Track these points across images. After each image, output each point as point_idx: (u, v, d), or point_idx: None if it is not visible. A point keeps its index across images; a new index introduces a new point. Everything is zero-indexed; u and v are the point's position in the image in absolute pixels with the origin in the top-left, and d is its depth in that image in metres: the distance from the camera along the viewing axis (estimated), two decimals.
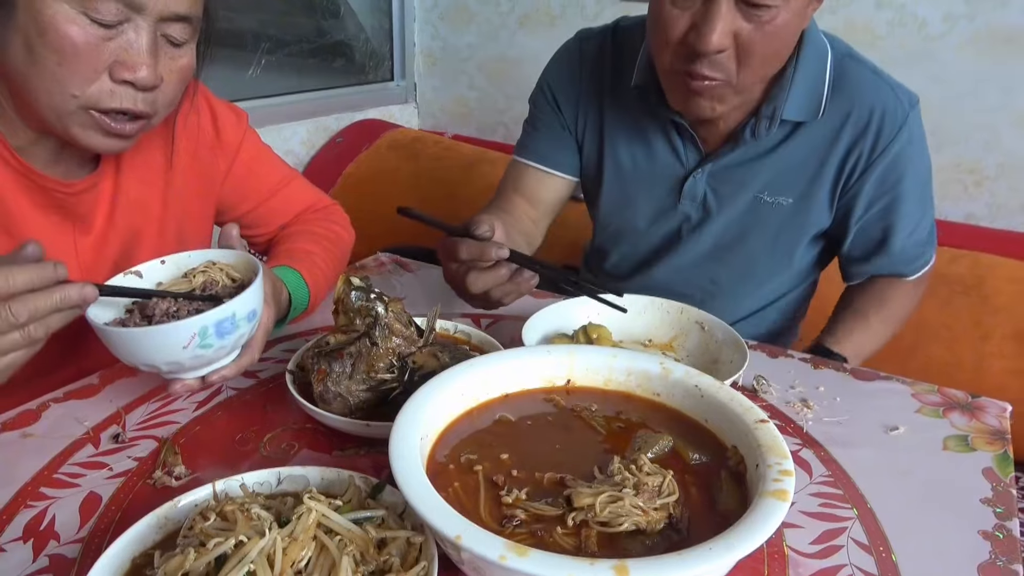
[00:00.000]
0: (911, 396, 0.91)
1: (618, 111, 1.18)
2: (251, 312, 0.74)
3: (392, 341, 0.75)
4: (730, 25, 0.92)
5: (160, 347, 0.70)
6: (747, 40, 0.93)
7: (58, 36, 0.72)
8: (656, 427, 0.66)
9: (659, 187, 1.18)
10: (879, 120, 1.06)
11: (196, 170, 1.02)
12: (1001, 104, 1.85)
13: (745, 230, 1.17)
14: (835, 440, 0.81)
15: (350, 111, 2.58)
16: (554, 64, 1.24)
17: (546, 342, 0.92)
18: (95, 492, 0.69)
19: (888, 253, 1.15)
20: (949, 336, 1.60)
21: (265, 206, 1.11)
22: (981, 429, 0.84)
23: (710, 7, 0.91)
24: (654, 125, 1.15)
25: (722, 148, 1.12)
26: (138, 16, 0.74)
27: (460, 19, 2.61)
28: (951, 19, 1.84)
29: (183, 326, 0.69)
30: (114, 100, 0.76)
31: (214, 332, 0.71)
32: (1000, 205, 1.92)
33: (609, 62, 1.18)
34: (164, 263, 0.82)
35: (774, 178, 1.12)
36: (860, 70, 1.08)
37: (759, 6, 0.90)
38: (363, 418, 0.74)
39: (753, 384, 0.91)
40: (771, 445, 0.58)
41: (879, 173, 1.09)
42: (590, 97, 1.20)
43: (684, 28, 0.94)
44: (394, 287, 1.17)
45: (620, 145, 1.19)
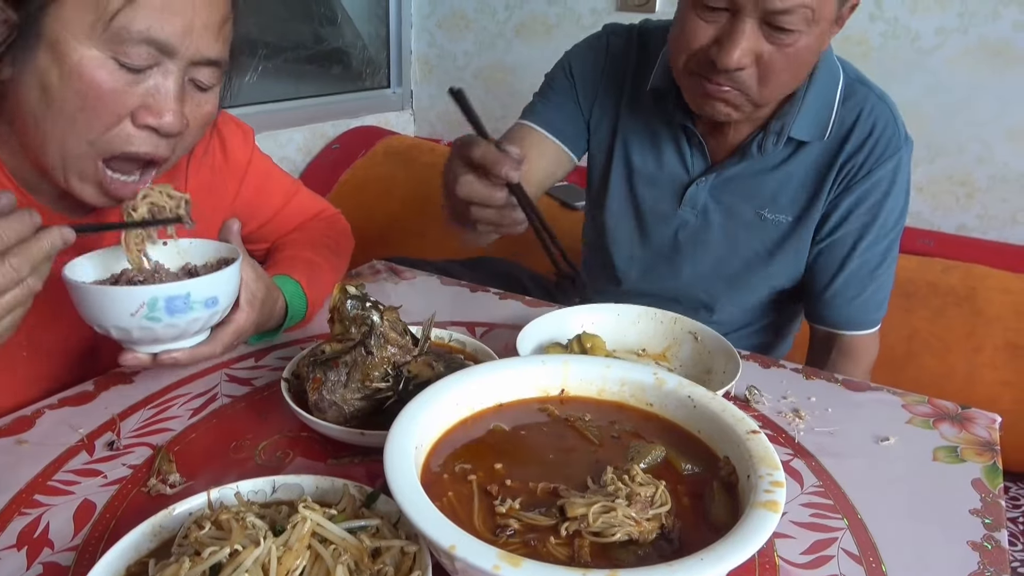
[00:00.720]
0: (902, 407, 0.91)
1: (633, 111, 1.19)
2: (210, 298, 0.75)
3: (387, 350, 0.76)
4: (752, 45, 0.94)
5: (109, 309, 0.71)
6: (768, 61, 0.95)
7: (83, 82, 0.70)
8: (649, 437, 0.67)
9: (663, 190, 1.20)
10: (875, 140, 1.08)
11: (205, 195, 1.01)
12: (993, 117, 1.86)
13: (743, 244, 1.18)
14: (826, 450, 0.82)
15: (346, 118, 2.58)
16: (581, 48, 1.24)
17: (540, 351, 0.92)
18: (89, 500, 0.69)
19: (839, 288, 1.15)
20: (941, 347, 1.61)
21: (271, 223, 1.12)
22: (971, 440, 0.85)
23: (735, 25, 0.93)
24: (665, 129, 1.17)
25: (728, 159, 1.13)
26: (169, 61, 0.73)
27: (457, 27, 2.62)
28: (944, 32, 1.86)
29: (134, 292, 0.71)
30: (131, 144, 0.75)
31: (164, 307, 0.71)
32: (992, 217, 1.94)
33: (632, 62, 1.19)
34: (166, 244, 0.83)
35: (775, 195, 1.14)
36: (868, 94, 1.10)
37: (783, 30, 0.92)
38: (358, 427, 0.74)
39: (745, 394, 0.92)
40: (763, 456, 0.59)
41: (860, 192, 1.10)
42: (609, 92, 1.21)
43: (707, 40, 0.96)
44: (389, 295, 1.17)
45: (631, 144, 1.20)
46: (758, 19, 0.92)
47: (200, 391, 0.87)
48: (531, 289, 1.42)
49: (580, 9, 2.36)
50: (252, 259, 0.87)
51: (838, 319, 1.18)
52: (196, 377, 0.90)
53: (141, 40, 0.70)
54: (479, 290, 1.20)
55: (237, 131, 1.06)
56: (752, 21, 0.92)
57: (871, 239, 1.13)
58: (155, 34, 0.70)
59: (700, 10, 0.95)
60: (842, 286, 1.15)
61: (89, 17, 0.68)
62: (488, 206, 0.79)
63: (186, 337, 0.77)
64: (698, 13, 0.96)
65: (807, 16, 0.92)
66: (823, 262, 1.16)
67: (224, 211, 1.06)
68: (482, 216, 0.81)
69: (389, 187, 2.34)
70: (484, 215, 0.80)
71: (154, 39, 0.70)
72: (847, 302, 1.16)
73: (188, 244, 0.85)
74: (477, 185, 0.78)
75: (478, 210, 0.80)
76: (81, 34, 0.68)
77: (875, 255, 1.14)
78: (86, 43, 0.69)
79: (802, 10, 0.91)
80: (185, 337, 0.77)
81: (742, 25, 0.92)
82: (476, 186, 0.78)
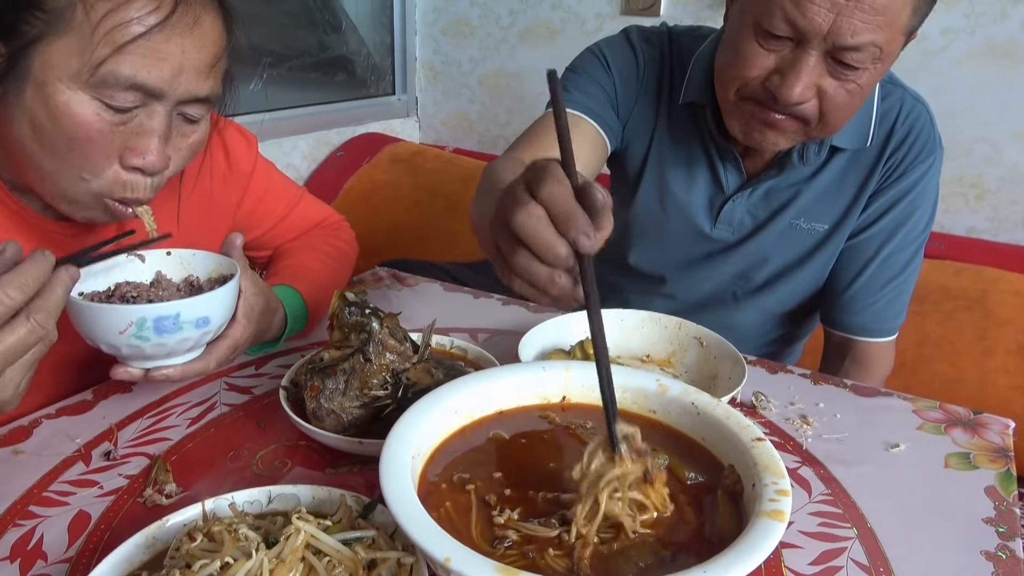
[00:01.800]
0: (912, 412, 0.90)
1: (667, 127, 1.14)
2: (201, 319, 0.74)
3: (386, 357, 0.75)
4: (816, 79, 0.89)
5: (98, 325, 0.71)
6: (831, 96, 0.91)
7: (72, 123, 0.69)
8: (652, 445, 0.65)
9: (697, 210, 1.15)
10: (912, 141, 1.06)
11: (208, 203, 1.01)
12: (1001, 118, 1.84)
13: (774, 253, 1.15)
14: (835, 458, 0.80)
15: (351, 125, 2.58)
16: (616, 47, 1.14)
17: (543, 357, 0.91)
18: (85, 510, 0.68)
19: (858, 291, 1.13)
20: (952, 351, 1.59)
21: (274, 231, 1.11)
22: (983, 446, 0.83)
23: (799, 57, 0.88)
24: (698, 146, 1.12)
25: (766, 172, 1.09)
26: (155, 102, 0.72)
27: (461, 33, 2.62)
28: (951, 33, 1.84)
29: (121, 311, 0.70)
30: (126, 191, 0.75)
31: (152, 327, 0.71)
32: (1002, 219, 1.91)
33: (667, 73, 1.13)
34: (169, 255, 0.83)
35: (812, 204, 1.11)
36: (904, 95, 1.08)
37: (849, 67, 0.88)
38: (356, 435, 0.73)
39: (752, 400, 0.90)
40: (768, 464, 0.57)
41: (893, 193, 1.08)
42: (647, 103, 1.14)
43: (767, 70, 0.91)
44: (391, 302, 1.16)
45: (665, 162, 1.15)
46: (824, 52, 0.88)
47: (199, 400, 0.87)
48: None
49: (584, 13, 2.35)
50: (252, 272, 0.86)
51: (854, 324, 1.15)
52: (195, 386, 0.89)
53: (128, 86, 0.69)
54: (482, 296, 1.19)
55: (241, 139, 1.06)
56: (817, 54, 0.88)
57: (897, 244, 1.10)
58: (142, 79, 0.69)
59: (762, 37, 0.90)
60: (861, 289, 1.13)
61: (75, 62, 0.67)
62: (543, 261, 0.55)
63: (177, 355, 0.76)
64: (759, 40, 0.90)
65: (875, 54, 0.87)
66: (845, 263, 1.13)
67: (228, 218, 1.05)
68: (529, 270, 0.55)
69: (394, 194, 2.33)
70: (533, 269, 0.55)
71: (141, 84, 0.69)
72: (865, 306, 1.13)
73: (192, 255, 0.85)
74: (543, 226, 0.54)
75: (527, 260, 0.55)
76: (67, 77, 0.68)
77: (899, 261, 1.11)
78: (72, 86, 0.68)
79: (871, 48, 0.86)
80: (176, 355, 0.76)
81: (807, 57, 0.87)
82: (541, 227, 0.54)
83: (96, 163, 0.73)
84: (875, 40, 0.86)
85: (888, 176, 1.08)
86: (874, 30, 0.85)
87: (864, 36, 0.85)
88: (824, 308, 1.19)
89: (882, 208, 1.09)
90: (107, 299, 0.77)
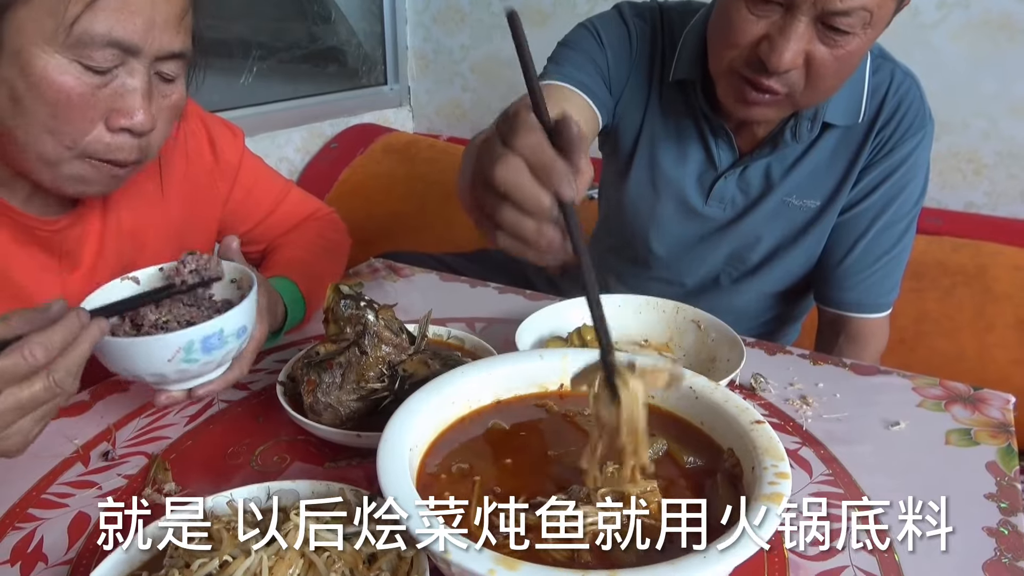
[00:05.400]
0: (912, 390, 0.89)
1: (659, 104, 1.14)
2: (240, 328, 0.73)
3: (382, 349, 0.74)
4: (805, 44, 0.89)
5: (144, 359, 0.69)
6: (819, 62, 0.90)
7: (52, 89, 0.68)
8: (651, 430, 0.65)
9: (688, 187, 1.15)
10: (902, 115, 1.06)
11: (195, 196, 1.00)
12: (998, 92, 1.83)
13: (767, 232, 1.15)
14: (835, 437, 0.80)
15: (344, 116, 2.56)
16: (608, 21, 1.15)
17: (540, 345, 0.90)
18: (84, 512, 0.68)
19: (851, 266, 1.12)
20: (951, 327, 1.59)
21: (264, 224, 1.10)
22: (984, 422, 0.83)
23: (788, 23, 0.88)
24: (689, 122, 1.12)
25: (758, 149, 1.09)
26: (134, 60, 0.72)
27: (452, 20, 2.60)
28: (945, 6, 1.82)
29: (169, 339, 0.69)
30: (111, 152, 0.74)
31: (200, 347, 0.70)
32: (1000, 193, 1.90)
33: (658, 49, 1.13)
34: (162, 270, 0.81)
35: (803, 181, 1.10)
36: (894, 69, 1.07)
37: (839, 31, 0.88)
38: (354, 428, 0.73)
39: (751, 382, 0.90)
40: (767, 447, 0.57)
41: (884, 168, 1.07)
42: (638, 82, 1.14)
43: (757, 36, 0.91)
44: (388, 293, 1.16)
45: (657, 139, 1.15)
46: (813, 18, 0.87)
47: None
48: (535, 282, 1.40)
49: None
50: (254, 269, 0.85)
51: (847, 300, 1.15)
52: None
53: (104, 43, 0.68)
54: (479, 285, 1.19)
55: (227, 133, 1.05)
56: (807, 19, 0.87)
57: (888, 218, 1.10)
58: (117, 35, 0.69)
59: (751, 4, 0.90)
60: (853, 264, 1.12)
61: (49, 24, 0.67)
62: (527, 212, 0.54)
63: (220, 368, 0.76)
64: (748, 7, 0.90)
65: (865, 19, 0.87)
66: (837, 238, 1.13)
67: (216, 211, 1.05)
68: (516, 224, 0.55)
69: (389, 184, 2.32)
70: (518, 223, 0.54)
71: (117, 40, 0.69)
72: (858, 282, 1.13)
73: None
74: (523, 178, 0.53)
75: (512, 213, 0.54)
76: (42, 41, 0.67)
77: (891, 236, 1.11)
78: (48, 50, 0.68)
79: (861, 12, 0.86)
80: (219, 368, 0.76)
81: (796, 23, 0.87)
82: (522, 178, 0.53)
83: (80, 128, 0.72)
84: (865, 4, 0.85)
85: (878, 150, 1.07)
86: None
87: (854, 0, 0.85)
88: (817, 285, 1.19)
89: (873, 183, 1.09)
90: (124, 333, 0.74)
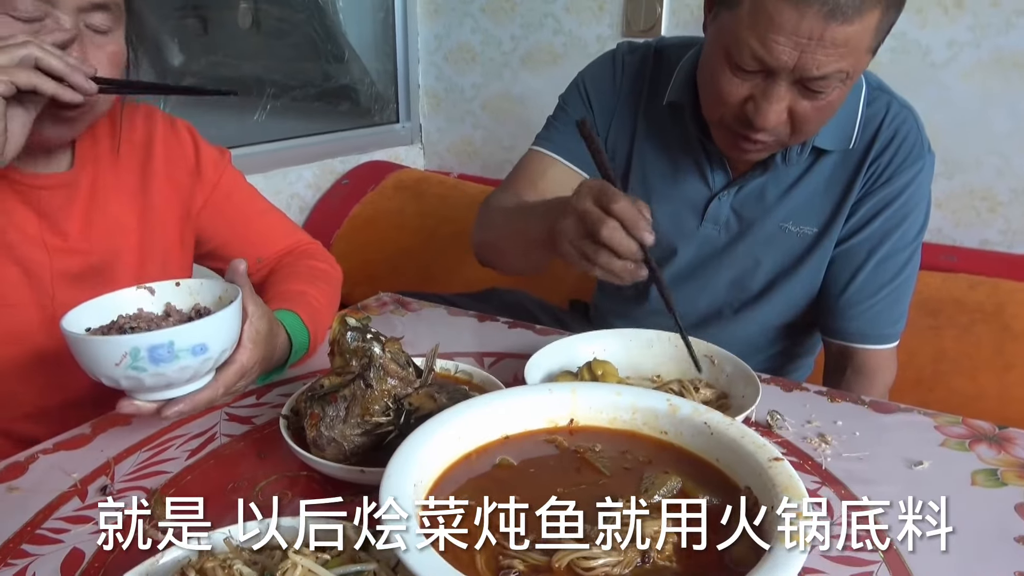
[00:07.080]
0: (934, 428, 0.87)
1: (650, 128, 1.17)
2: (197, 345, 0.71)
3: (387, 382, 0.73)
4: (787, 103, 0.93)
5: (94, 358, 0.69)
6: (802, 115, 0.95)
7: None
8: (664, 467, 0.63)
9: (683, 208, 1.16)
10: (898, 145, 1.06)
11: (175, 196, 1.02)
12: (1012, 130, 1.82)
13: (765, 257, 1.15)
14: (856, 477, 0.77)
15: (356, 153, 2.58)
16: (596, 68, 1.23)
17: (550, 380, 0.88)
18: (79, 548, 0.66)
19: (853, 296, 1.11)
20: (971, 366, 1.55)
21: (241, 239, 1.10)
22: (1011, 462, 0.80)
23: (770, 86, 0.92)
24: (683, 144, 1.14)
25: (751, 172, 1.11)
26: (56, 9, 0.75)
27: (463, 59, 2.63)
28: (956, 45, 1.82)
29: (113, 342, 0.69)
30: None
31: (147, 356, 0.69)
32: (1016, 231, 1.88)
33: (647, 78, 1.17)
34: (179, 285, 0.83)
35: (799, 207, 1.11)
36: (891, 101, 1.08)
37: (819, 91, 0.92)
38: (359, 463, 0.71)
39: (767, 420, 0.87)
40: (787, 484, 0.55)
41: (881, 197, 1.07)
42: (626, 110, 1.19)
43: (742, 97, 0.95)
44: (395, 327, 1.14)
45: (648, 162, 1.17)
46: (792, 81, 0.92)
47: (199, 431, 0.85)
48: (541, 318, 1.39)
49: (586, 37, 2.35)
50: (256, 295, 0.84)
51: (850, 329, 1.13)
52: (196, 417, 0.87)
53: None
54: (487, 319, 1.17)
55: (213, 150, 1.09)
56: (787, 83, 0.92)
57: (888, 249, 1.09)
58: None
59: (734, 69, 0.94)
60: (855, 294, 1.11)
61: None
62: (623, 258, 0.82)
63: (178, 385, 0.74)
64: (732, 71, 0.94)
65: (842, 77, 0.91)
66: (837, 269, 1.13)
67: (187, 211, 1.06)
68: (613, 267, 0.83)
69: (399, 220, 2.32)
70: (615, 266, 0.82)
71: None
72: (861, 312, 1.12)
73: (199, 285, 0.83)
74: (620, 235, 0.80)
75: (609, 259, 0.82)
76: None
77: (892, 266, 1.10)
78: None
79: (838, 75, 0.90)
80: (177, 385, 0.74)
81: (777, 87, 0.92)
82: (620, 237, 0.80)
83: None
84: (841, 68, 0.89)
85: (874, 180, 1.08)
86: (838, 60, 0.88)
87: (829, 67, 0.89)
88: (821, 316, 1.18)
89: (870, 212, 1.09)
90: (107, 332, 0.76)
